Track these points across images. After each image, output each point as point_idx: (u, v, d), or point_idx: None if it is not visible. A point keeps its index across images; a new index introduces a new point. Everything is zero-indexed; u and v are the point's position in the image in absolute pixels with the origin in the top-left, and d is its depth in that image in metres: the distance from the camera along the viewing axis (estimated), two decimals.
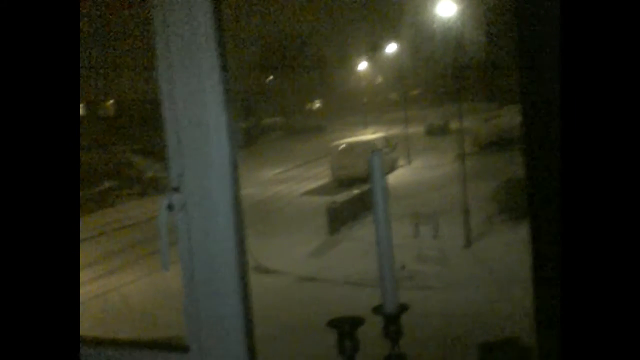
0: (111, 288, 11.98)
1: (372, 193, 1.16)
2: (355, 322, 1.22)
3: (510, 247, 10.78)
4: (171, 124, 1.42)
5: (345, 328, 1.21)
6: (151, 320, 9.68)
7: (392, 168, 22.06)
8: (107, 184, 21.95)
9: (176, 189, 1.42)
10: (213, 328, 1.38)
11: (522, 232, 10.32)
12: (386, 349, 1.23)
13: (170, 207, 1.42)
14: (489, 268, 11.02)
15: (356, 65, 37.78)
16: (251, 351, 1.38)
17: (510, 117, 22.29)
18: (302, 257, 13.34)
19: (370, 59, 37.12)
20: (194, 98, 1.38)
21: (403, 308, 1.20)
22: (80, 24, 1.23)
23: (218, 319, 1.38)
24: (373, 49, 34.91)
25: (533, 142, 1.28)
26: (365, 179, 18.44)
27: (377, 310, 1.20)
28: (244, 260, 1.41)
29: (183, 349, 1.41)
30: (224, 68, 1.39)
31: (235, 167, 1.43)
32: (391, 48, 32.26)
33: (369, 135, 27.39)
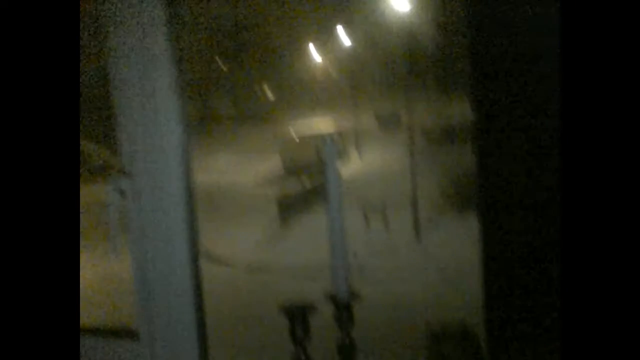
0: None
1: (326, 181, 1.16)
2: (306, 309, 1.22)
3: (459, 240, 10.99)
4: (120, 108, 1.39)
5: (297, 314, 1.21)
6: (100, 309, 9.47)
7: (344, 159, 22.16)
8: None
9: (127, 174, 1.39)
10: (164, 315, 1.36)
11: (468, 225, 10.55)
12: (337, 338, 1.24)
13: (120, 192, 1.39)
14: (438, 260, 11.21)
15: (309, 55, 37.77)
16: (203, 338, 1.37)
17: (460, 108, 22.57)
18: (253, 246, 13.29)
19: (322, 49, 37.16)
20: (145, 81, 1.35)
21: (355, 296, 1.21)
22: None
23: (169, 305, 1.36)
24: (326, 39, 34.95)
25: (489, 139, 1.28)
26: (317, 169, 18.47)
27: (329, 297, 1.20)
28: (196, 246, 1.40)
29: (134, 336, 1.39)
30: (176, 50, 1.37)
31: (187, 151, 1.41)
32: (345, 39, 32.33)
33: (322, 125, 27.42)
